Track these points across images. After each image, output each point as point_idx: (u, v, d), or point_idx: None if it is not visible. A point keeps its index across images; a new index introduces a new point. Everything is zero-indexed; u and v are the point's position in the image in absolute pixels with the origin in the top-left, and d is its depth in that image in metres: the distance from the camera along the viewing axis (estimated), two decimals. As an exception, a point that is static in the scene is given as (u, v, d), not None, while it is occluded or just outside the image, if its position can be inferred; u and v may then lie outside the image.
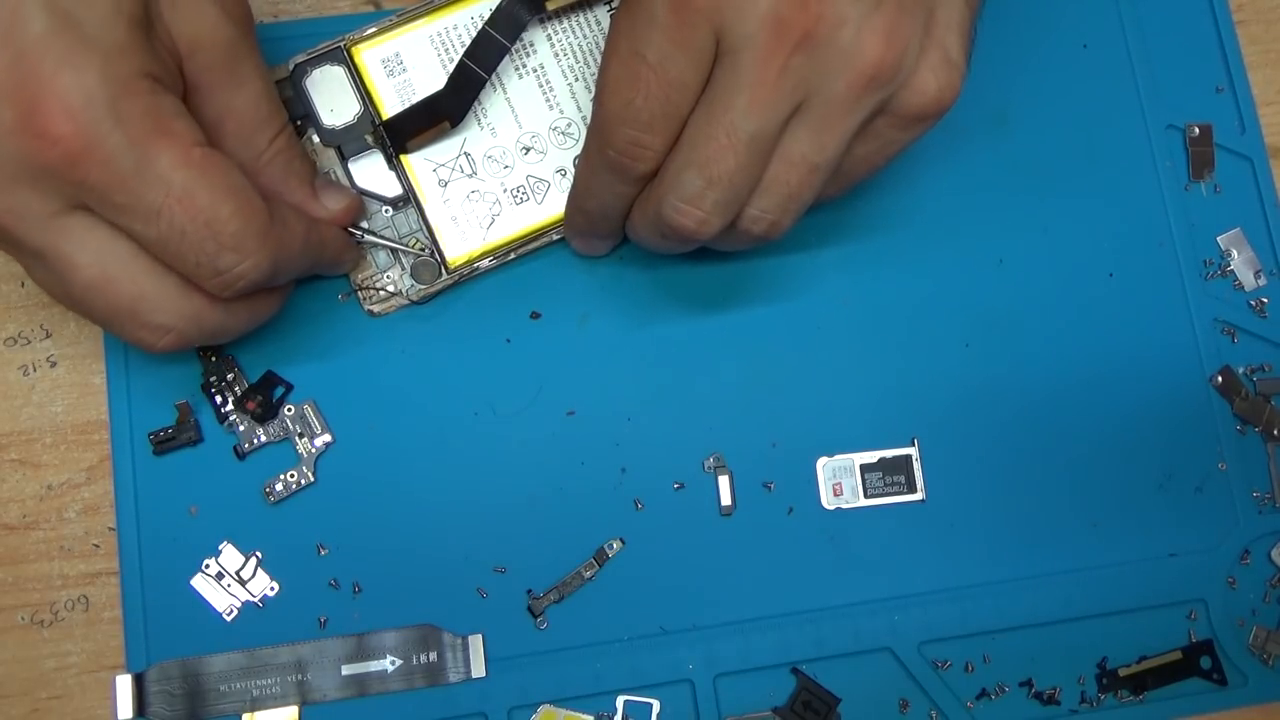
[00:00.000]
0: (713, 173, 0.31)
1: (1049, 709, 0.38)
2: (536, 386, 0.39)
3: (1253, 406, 0.40)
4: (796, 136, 0.32)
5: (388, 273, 0.38)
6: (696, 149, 0.31)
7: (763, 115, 0.31)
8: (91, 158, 0.28)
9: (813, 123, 0.31)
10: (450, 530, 0.38)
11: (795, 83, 0.31)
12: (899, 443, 0.39)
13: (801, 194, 0.33)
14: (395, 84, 0.37)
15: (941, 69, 0.32)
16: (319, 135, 0.37)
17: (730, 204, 0.32)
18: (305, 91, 0.37)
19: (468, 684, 0.37)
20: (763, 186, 0.32)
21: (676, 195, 0.32)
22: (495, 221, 0.38)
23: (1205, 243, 0.41)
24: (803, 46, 0.30)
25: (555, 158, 0.38)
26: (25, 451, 0.38)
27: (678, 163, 0.32)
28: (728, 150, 0.31)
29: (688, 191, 0.32)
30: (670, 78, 0.31)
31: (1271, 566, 0.39)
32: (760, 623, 0.38)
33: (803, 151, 0.32)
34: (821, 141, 0.32)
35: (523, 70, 0.38)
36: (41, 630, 0.37)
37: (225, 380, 0.38)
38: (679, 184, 0.32)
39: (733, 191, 0.32)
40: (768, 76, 0.30)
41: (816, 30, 0.30)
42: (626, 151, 0.32)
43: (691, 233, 0.33)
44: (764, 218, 0.33)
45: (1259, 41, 0.43)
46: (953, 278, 0.40)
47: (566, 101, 0.38)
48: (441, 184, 0.38)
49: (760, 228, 0.33)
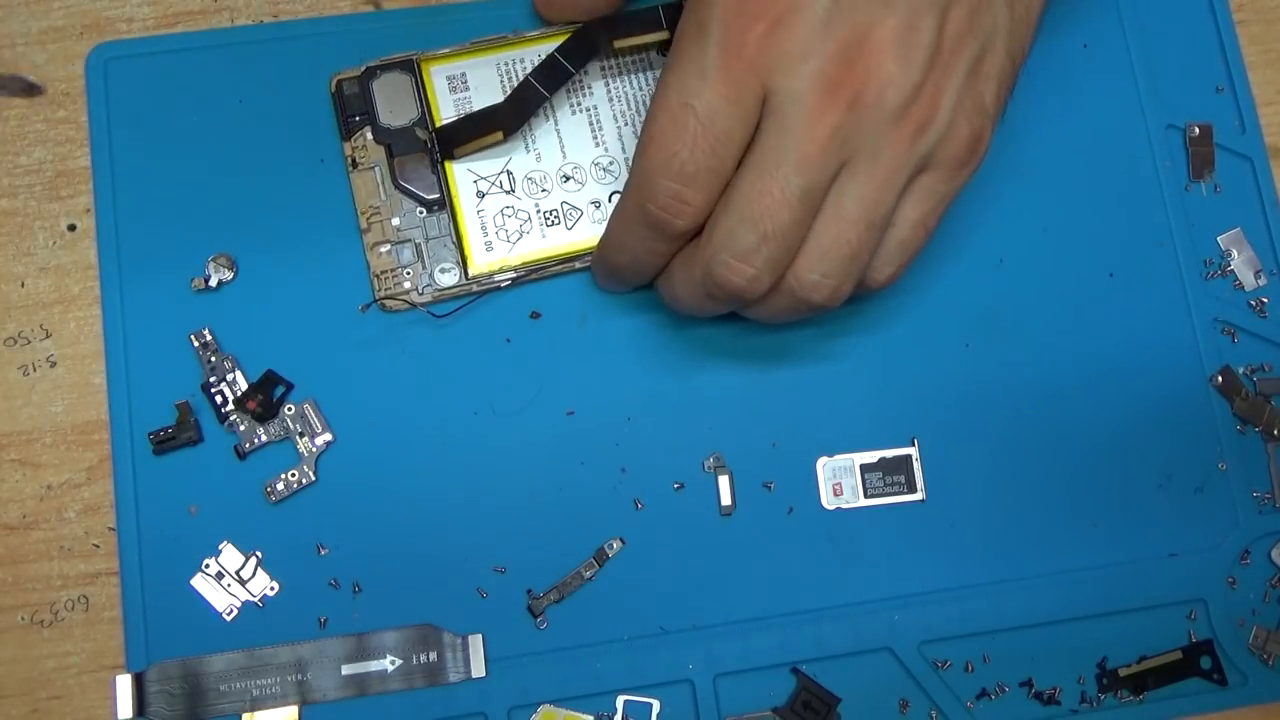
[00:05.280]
0: (766, 228, 0.31)
1: (1049, 709, 0.38)
2: (536, 386, 0.39)
3: (1253, 406, 0.40)
4: (847, 194, 0.32)
5: (408, 269, 0.38)
6: (750, 204, 0.31)
7: (813, 172, 0.31)
8: None
9: (862, 179, 0.32)
10: (450, 530, 0.38)
11: (843, 140, 0.31)
12: (899, 443, 0.39)
13: (860, 254, 0.32)
14: (455, 99, 0.39)
15: (975, 116, 0.32)
16: (373, 132, 0.39)
17: (780, 261, 0.32)
18: (370, 91, 0.39)
19: (468, 684, 0.37)
20: (822, 251, 0.32)
21: (729, 251, 0.32)
22: (523, 238, 0.38)
23: (1205, 243, 0.41)
24: (852, 107, 0.31)
25: (593, 189, 0.39)
26: (25, 451, 0.38)
27: (730, 218, 0.32)
28: (782, 205, 0.31)
29: (740, 247, 0.32)
30: (717, 131, 0.31)
31: (1271, 566, 0.39)
32: (760, 623, 0.38)
33: (857, 210, 0.32)
34: (875, 198, 0.32)
35: (576, 108, 0.39)
36: (41, 630, 0.37)
37: (225, 380, 0.38)
38: (732, 239, 0.32)
39: (785, 248, 0.32)
40: (819, 134, 0.31)
41: (865, 91, 0.31)
42: (667, 206, 0.32)
43: (741, 290, 0.32)
44: (825, 283, 0.33)
45: (1259, 41, 0.43)
46: (953, 278, 0.40)
47: (613, 141, 0.39)
48: (479, 195, 0.39)
49: (822, 294, 0.33)
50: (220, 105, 0.39)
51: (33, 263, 0.39)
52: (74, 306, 0.39)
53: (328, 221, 0.39)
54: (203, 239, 0.38)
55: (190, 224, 0.39)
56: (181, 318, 0.38)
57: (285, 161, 0.39)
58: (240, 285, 0.38)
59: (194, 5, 0.41)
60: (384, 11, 0.41)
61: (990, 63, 0.33)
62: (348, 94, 0.39)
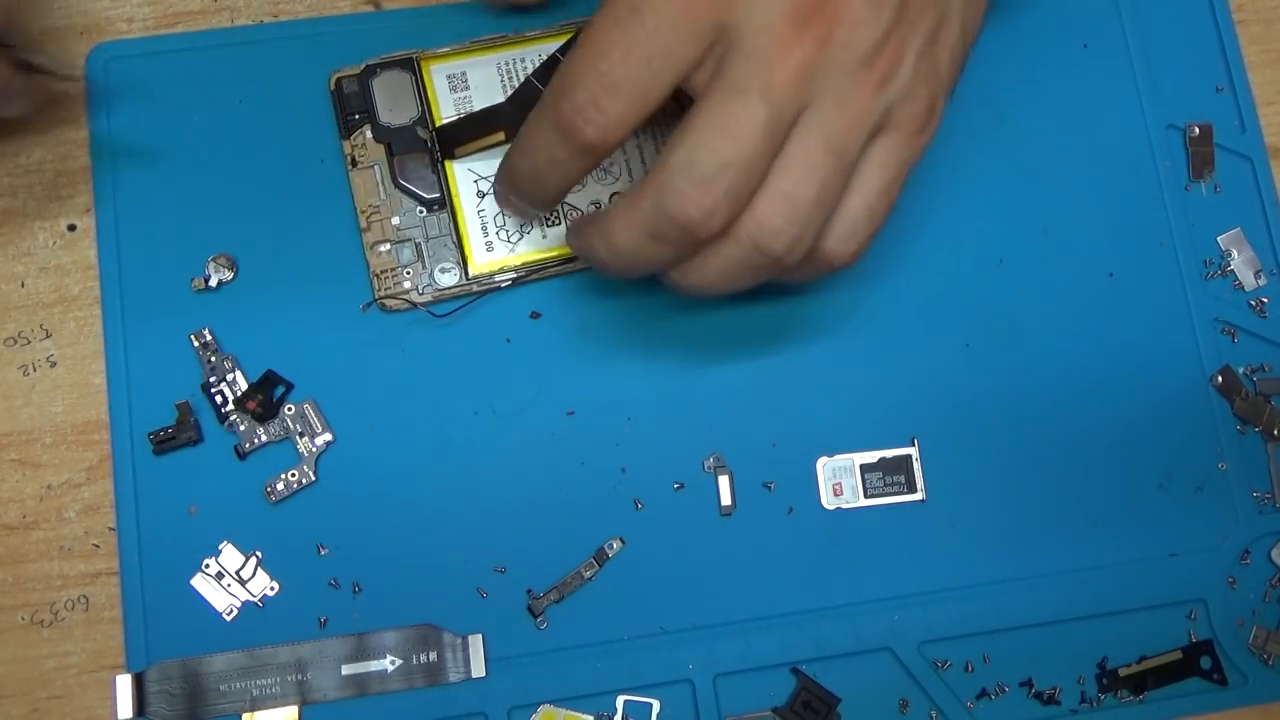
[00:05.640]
0: (730, 155, 0.30)
1: (1049, 709, 0.38)
2: (536, 386, 0.39)
3: (1253, 406, 0.40)
4: (813, 135, 0.30)
5: (408, 268, 0.38)
6: (714, 128, 0.30)
7: (779, 103, 0.30)
8: None
9: (828, 120, 0.30)
10: (450, 530, 0.38)
11: (811, 76, 0.30)
12: (899, 443, 0.39)
13: (825, 200, 0.31)
14: (455, 98, 0.39)
15: (932, 79, 0.32)
16: (372, 131, 0.39)
17: (740, 196, 0.30)
18: (370, 89, 0.39)
19: (468, 684, 0.37)
20: (785, 193, 0.31)
21: (686, 177, 0.30)
22: (523, 238, 0.38)
23: (1205, 243, 0.41)
24: (822, 43, 0.30)
25: (593, 190, 0.39)
26: (25, 451, 0.38)
27: (689, 142, 0.30)
28: (747, 132, 0.30)
29: (700, 172, 0.30)
30: (660, 44, 0.29)
31: (1271, 566, 0.39)
32: (760, 623, 0.38)
33: (821, 151, 0.30)
34: (841, 141, 0.31)
35: None
36: (41, 630, 0.37)
37: (225, 380, 0.38)
38: (691, 163, 0.30)
39: (746, 181, 0.30)
40: (789, 64, 0.30)
41: (836, 30, 0.30)
42: (581, 109, 0.30)
43: (696, 224, 0.30)
44: (788, 230, 0.31)
45: (1259, 41, 0.43)
46: (953, 278, 0.40)
47: None
48: (479, 195, 0.39)
49: (782, 243, 0.31)
50: (220, 105, 0.39)
51: (33, 263, 0.39)
52: (74, 306, 0.39)
53: (328, 221, 0.39)
54: (203, 239, 0.38)
55: (190, 224, 0.39)
56: (181, 318, 0.38)
57: (285, 161, 0.39)
58: (240, 285, 0.38)
59: (194, 5, 0.41)
60: (384, 11, 0.41)
61: (948, 31, 0.32)
62: (347, 92, 0.39)
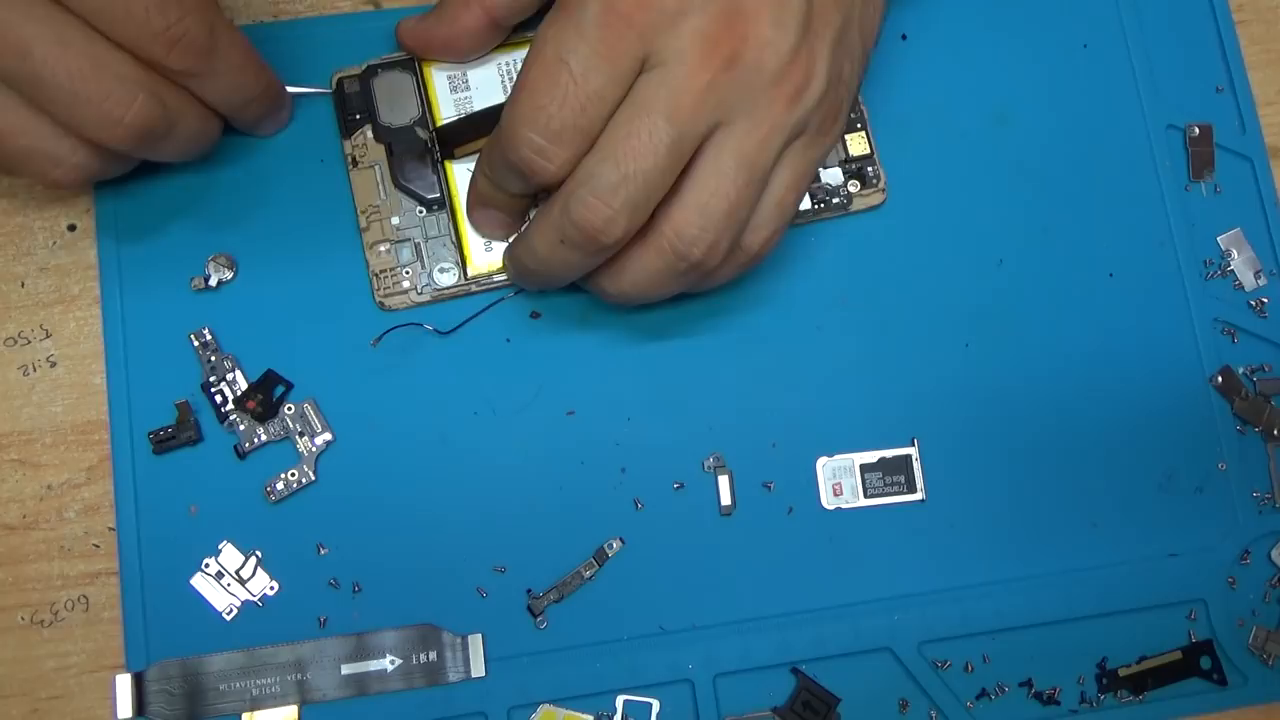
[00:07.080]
0: (629, 169, 0.31)
1: (1049, 709, 0.38)
2: (536, 386, 0.39)
3: (1253, 406, 0.40)
4: (726, 150, 0.32)
5: (407, 268, 0.38)
6: (616, 144, 0.31)
7: (684, 124, 0.31)
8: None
9: (741, 136, 0.32)
10: (450, 530, 0.38)
11: (719, 98, 0.32)
12: (899, 443, 0.39)
13: (738, 209, 0.33)
14: (455, 99, 0.39)
15: (839, 84, 0.34)
16: (373, 131, 0.39)
17: (640, 207, 0.32)
18: (371, 89, 0.39)
19: (467, 683, 0.37)
20: (700, 204, 0.32)
21: (588, 187, 0.32)
22: None
23: (1205, 243, 0.41)
24: (730, 64, 0.31)
25: None
26: (25, 451, 0.38)
27: (594, 157, 0.32)
28: (648, 150, 0.31)
29: (600, 184, 0.31)
30: (590, 90, 0.31)
31: (1271, 566, 0.39)
32: (760, 623, 0.38)
33: (734, 165, 0.32)
34: (753, 156, 0.32)
35: None
36: (41, 630, 0.37)
37: (225, 380, 0.38)
38: (592, 176, 0.32)
39: (645, 194, 0.32)
40: (695, 87, 0.31)
41: (744, 51, 0.31)
42: (529, 161, 0.32)
43: (597, 230, 0.32)
44: (704, 237, 0.33)
45: (1259, 41, 0.43)
46: (953, 278, 0.40)
47: None
48: None
49: (700, 249, 0.33)
50: (220, 105, 0.39)
51: (33, 263, 0.39)
52: (74, 306, 0.39)
53: (327, 221, 0.39)
54: (203, 239, 0.38)
55: (190, 224, 0.39)
56: (181, 317, 0.38)
57: (285, 161, 0.39)
58: (240, 285, 0.38)
59: (194, 5, 0.41)
60: (384, 11, 0.41)
61: (850, 38, 0.34)
62: (348, 92, 0.39)
